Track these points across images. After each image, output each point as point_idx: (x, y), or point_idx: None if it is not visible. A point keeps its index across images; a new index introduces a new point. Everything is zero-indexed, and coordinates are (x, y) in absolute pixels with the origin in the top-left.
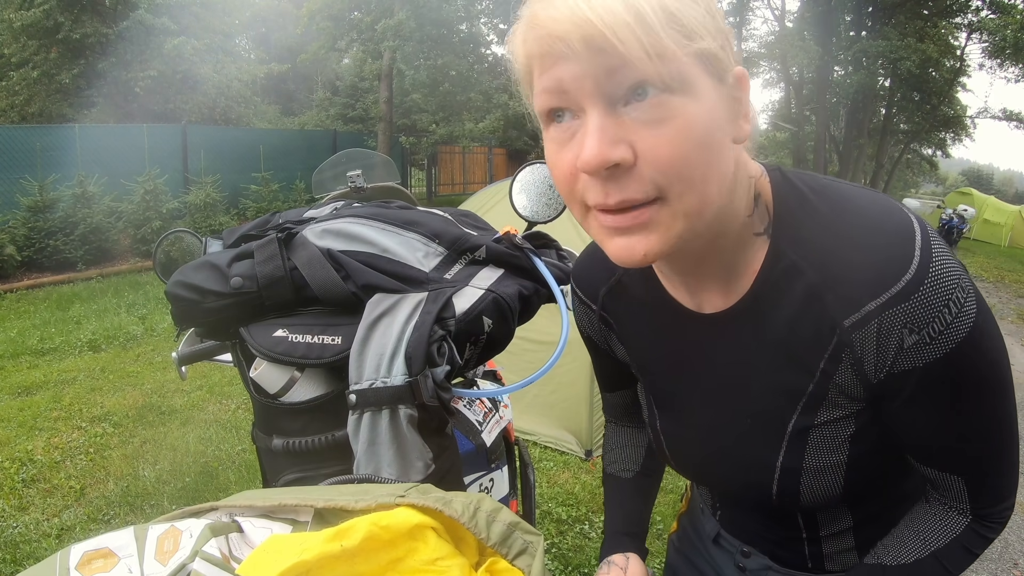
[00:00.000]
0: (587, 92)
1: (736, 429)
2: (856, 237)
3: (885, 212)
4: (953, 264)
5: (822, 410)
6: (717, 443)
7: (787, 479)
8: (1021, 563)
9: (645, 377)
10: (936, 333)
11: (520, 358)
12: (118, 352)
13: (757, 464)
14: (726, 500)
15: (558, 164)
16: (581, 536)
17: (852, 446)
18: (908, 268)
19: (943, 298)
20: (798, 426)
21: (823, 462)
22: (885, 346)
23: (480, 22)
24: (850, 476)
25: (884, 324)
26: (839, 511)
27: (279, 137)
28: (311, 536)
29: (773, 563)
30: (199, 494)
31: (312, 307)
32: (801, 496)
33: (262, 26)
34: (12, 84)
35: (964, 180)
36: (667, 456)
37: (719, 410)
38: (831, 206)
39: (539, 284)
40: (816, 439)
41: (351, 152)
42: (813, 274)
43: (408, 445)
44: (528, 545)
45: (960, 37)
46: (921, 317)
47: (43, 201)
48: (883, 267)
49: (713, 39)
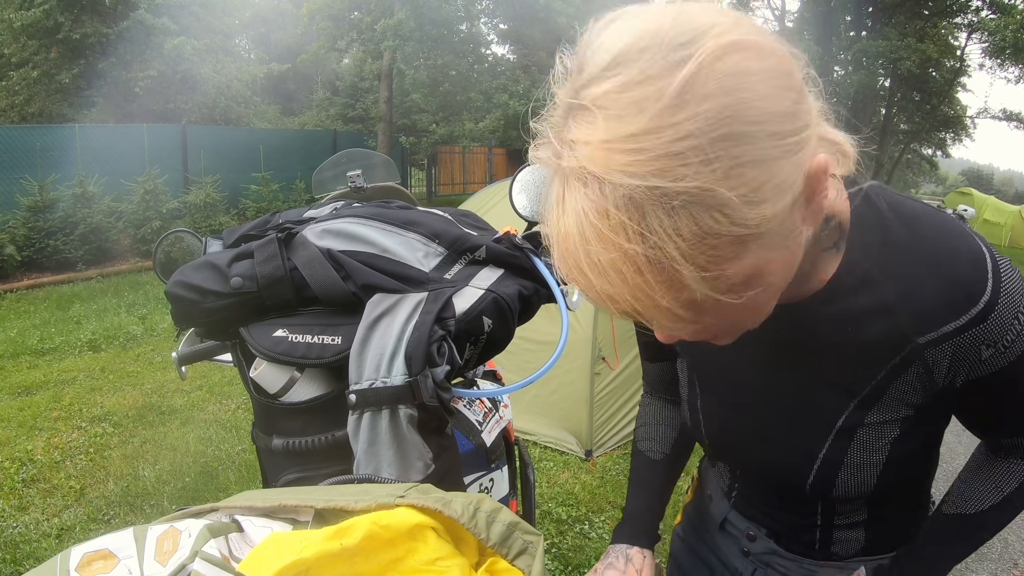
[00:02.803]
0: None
1: (782, 416)
2: (933, 260)
3: (959, 235)
4: (1017, 277)
5: (874, 411)
6: (763, 428)
7: (826, 471)
8: (1021, 563)
9: (692, 356)
10: (1010, 343)
11: (520, 358)
12: (118, 352)
13: (799, 453)
14: (748, 482)
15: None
16: (581, 536)
17: (893, 448)
18: (984, 291)
19: (1014, 312)
20: (847, 423)
21: (863, 459)
22: (960, 361)
23: (480, 22)
24: (884, 475)
25: (962, 344)
26: (858, 504)
27: (279, 137)
28: (311, 534)
29: (779, 547)
30: (199, 494)
31: (312, 307)
32: (835, 488)
33: (262, 26)
34: (12, 84)
35: (964, 180)
36: (702, 434)
37: (771, 397)
38: (907, 225)
39: (539, 284)
40: (861, 437)
41: (351, 152)
42: (887, 289)
43: (408, 445)
44: (528, 545)
45: (960, 37)
46: (996, 333)
47: (43, 201)
48: (961, 291)
49: (788, 184)
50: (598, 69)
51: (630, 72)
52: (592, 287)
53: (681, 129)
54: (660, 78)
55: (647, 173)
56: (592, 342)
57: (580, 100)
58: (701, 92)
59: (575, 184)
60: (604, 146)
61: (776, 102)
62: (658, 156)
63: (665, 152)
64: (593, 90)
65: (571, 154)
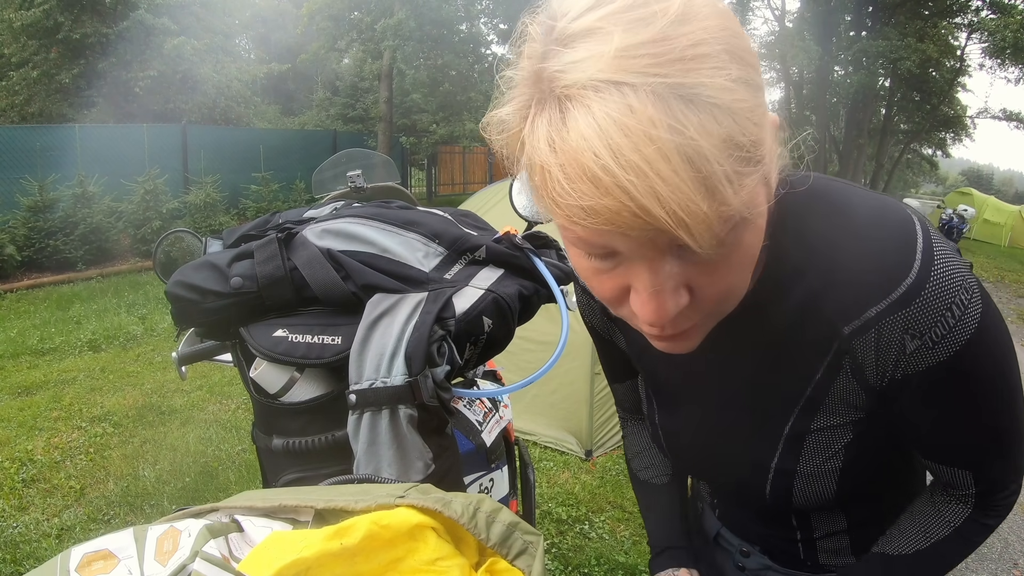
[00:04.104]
0: (640, 254)
1: (732, 428)
2: (856, 241)
3: (884, 214)
4: (956, 266)
5: (819, 416)
6: (713, 441)
7: (780, 481)
8: (1021, 563)
9: (644, 370)
10: (938, 338)
11: (520, 358)
12: (118, 352)
13: (752, 464)
14: (724, 497)
15: (598, 288)
16: (581, 536)
17: (847, 453)
18: (909, 273)
19: (945, 302)
20: (794, 430)
21: (817, 467)
22: (886, 352)
23: (480, 22)
24: (843, 482)
25: (884, 331)
26: (834, 513)
27: (279, 137)
28: (311, 533)
29: (772, 563)
30: (199, 494)
31: (312, 307)
32: (793, 498)
33: (262, 26)
34: (12, 84)
35: (964, 180)
36: (665, 451)
37: (716, 408)
38: (831, 208)
39: (539, 284)
40: (812, 444)
41: (351, 152)
42: (814, 278)
43: (408, 445)
44: (528, 545)
45: (960, 37)
46: (923, 322)
47: (43, 201)
48: (883, 272)
49: (769, 138)
50: (581, 10)
51: (618, 2)
52: (625, 194)
53: (693, 37)
54: (656, 2)
55: (668, 72)
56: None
57: (572, 30)
58: (701, 12)
59: (584, 97)
60: (619, 54)
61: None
62: (675, 59)
63: (681, 56)
64: (585, 20)
65: (570, 75)
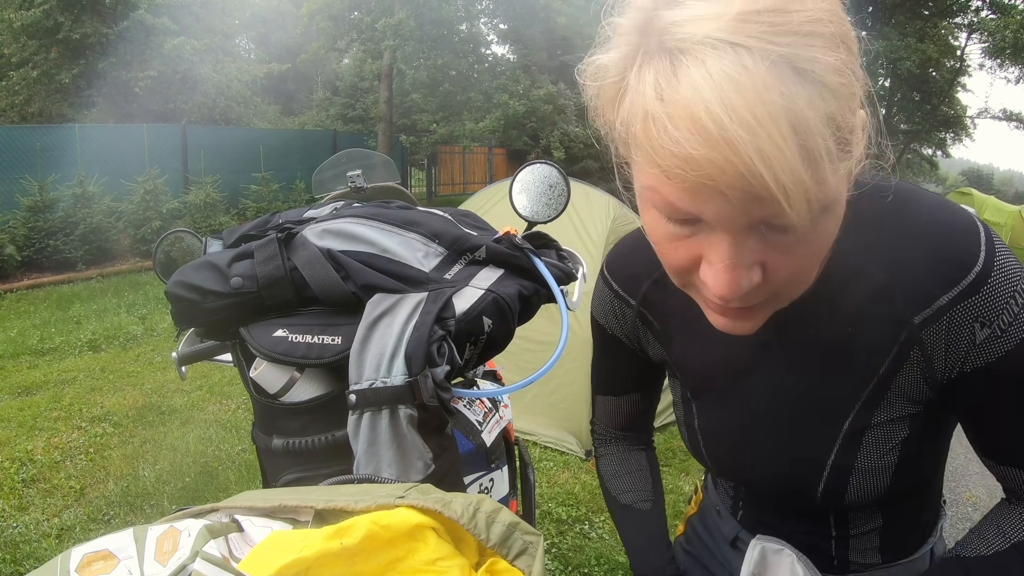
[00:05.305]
0: (727, 224)
1: (786, 425)
2: (922, 234)
3: (947, 208)
4: (1014, 257)
5: (880, 410)
6: (767, 441)
7: (836, 478)
8: None
9: (688, 375)
10: (1006, 325)
11: (520, 358)
12: (118, 352)
13: (807, 462)
14: (755, 499)
15: (670, 254)
16: (581, 536)
17: (903, 449)
18: (977, 261)
19: (1009, 289)
20: (854, 426)
21: (875, 463)
22: (956, 342)
23: (480, 22)
24: (896, 478)
25: (956, 318)
26: (872, 511)
27: (279, 137)
28: (311, 533)
29: None
30: (199, 494)
31: (312, 307)
32: (847, 495)
33: (262, 26)
34: (12, 84)
35: (964, 180)
36: (703, 454)
37: (772, 406)
38: (897, 206)
39: (539, 284)
40: (870, 440)
41: (351, 152)
42: (881, 276)
43: (408, 445)
44: (528, 545)
45: (960, 37)
46: (991, 310)
47: (43, 201)
48: (952, 262)
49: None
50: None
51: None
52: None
53: (810, 14)
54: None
55: (784, 42)
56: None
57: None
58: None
59: (699, 51)
60: (739, 17)
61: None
62: (790, 32)
63: (796, 30)
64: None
65: (685, 29)
